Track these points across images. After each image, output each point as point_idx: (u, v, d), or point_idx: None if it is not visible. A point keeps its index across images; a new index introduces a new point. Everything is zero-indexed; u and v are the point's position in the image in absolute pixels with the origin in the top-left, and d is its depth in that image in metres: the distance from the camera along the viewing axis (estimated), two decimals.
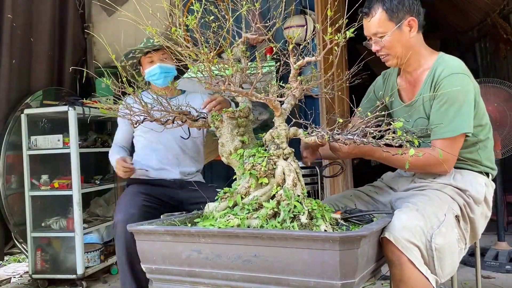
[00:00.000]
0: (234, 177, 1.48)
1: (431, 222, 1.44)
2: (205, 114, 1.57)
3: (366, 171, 5.32)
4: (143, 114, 1.51)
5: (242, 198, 1.38)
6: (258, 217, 1.30)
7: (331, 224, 1.30)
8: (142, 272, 1.42)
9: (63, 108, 3.22)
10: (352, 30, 1.25)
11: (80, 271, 3.13)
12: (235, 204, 1.39)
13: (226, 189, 1.44)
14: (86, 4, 4.38)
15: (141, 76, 2.41)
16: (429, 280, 1.38)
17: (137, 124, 1.56)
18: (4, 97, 3.27)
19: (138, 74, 2.42)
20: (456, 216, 1.54)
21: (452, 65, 1.67)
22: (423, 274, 1.37)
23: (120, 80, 1.47)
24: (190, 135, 2.17)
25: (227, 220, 1.31)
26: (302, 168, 1.48)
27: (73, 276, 3.15)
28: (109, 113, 1.55)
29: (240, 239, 1.21)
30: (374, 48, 1.73)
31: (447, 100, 1.61)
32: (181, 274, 1.32)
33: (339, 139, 1.29)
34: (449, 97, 1.61)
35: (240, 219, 1.30)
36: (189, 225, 1.44)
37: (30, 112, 3.30)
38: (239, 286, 1.23)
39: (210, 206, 1.45)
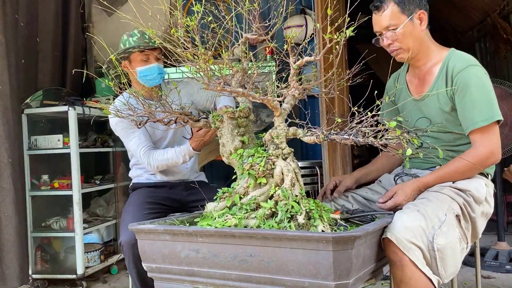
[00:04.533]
0: (234, 177, 1.48)
1: (432, 222, 1.42)
2: (206, 114, 1.57)
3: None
4: (146, 115, 1.51)
5: (240, 198, 1.38)
6: (255, 217, 1.30)
7: (329, 225, 1.29)
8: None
9: (63, 108, 3.22)
10: (352, 29, 1.25)
11: (80, 271, 3.13)
12: (234, 204, 1.39)
13: (225, 189, 1.44)
14: (86, 4, 4.37)
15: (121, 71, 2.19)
16: (431, 281, 1.37)
17: (141, 125, 1.56)
18: (14, 96, 3.26)
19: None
20: (456, 215, 1.54)
21: (467, 58, 1.69)
22: (425, 275, 1.35)
23: (120, 80, 1.47)
24: (192, 135, 2.15)
25: (225, 220, 1.31)
26: (302, 168, 1.47)
27: (73, 276, 3.15)
28: (110, 113, 1.55)
29: (236, 239, 1.21)
30: (385, 42, 1.73)
31: (472, 90, 1.61)
32: (180, 273, 1.33)
33: (334, 138, 1.28)
34: (473, 87, 1.61)
35: (238, 219, 1.30)
36: (188, 224, 1.44)
37: (30, 112, 3.30)
38: (236, 286, 1.23)
39: (209, 206, 1.45)
